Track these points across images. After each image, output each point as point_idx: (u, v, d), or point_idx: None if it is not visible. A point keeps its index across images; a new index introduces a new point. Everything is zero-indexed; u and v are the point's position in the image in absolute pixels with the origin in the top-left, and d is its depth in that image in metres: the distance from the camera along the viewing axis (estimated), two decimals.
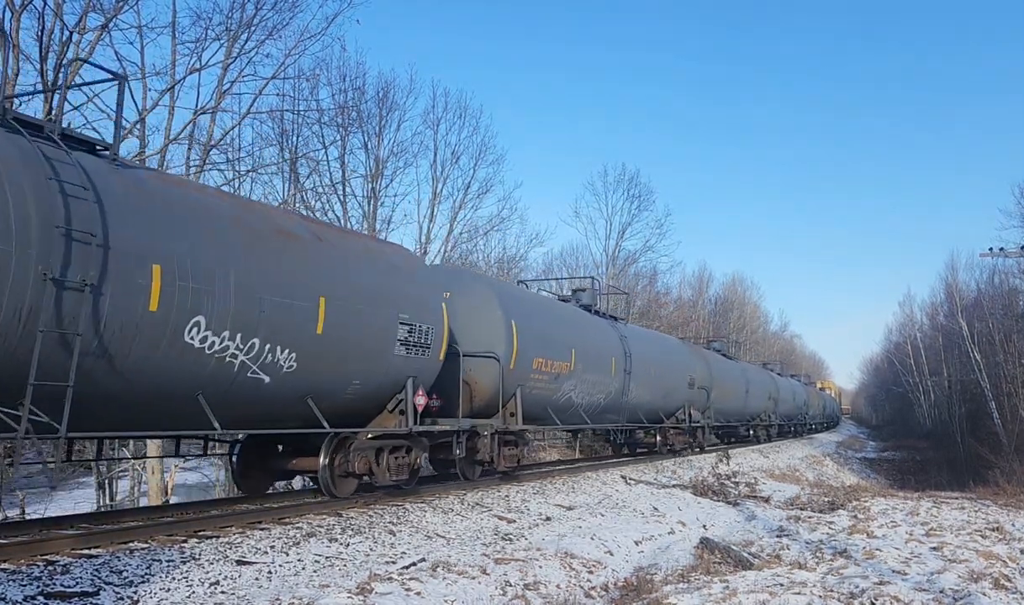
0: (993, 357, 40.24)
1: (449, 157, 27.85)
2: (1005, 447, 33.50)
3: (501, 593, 7.84)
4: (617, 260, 41.70)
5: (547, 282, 32.06)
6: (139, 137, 16.44)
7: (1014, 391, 36.22)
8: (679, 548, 11.63)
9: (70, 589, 6.06)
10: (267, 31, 18.04)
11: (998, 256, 26.43)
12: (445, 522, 10.48)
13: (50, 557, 6.92)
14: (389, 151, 25.14)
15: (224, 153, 18.82)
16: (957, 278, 52.77)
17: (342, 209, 23.80)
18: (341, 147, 23.66)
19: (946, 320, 55.14)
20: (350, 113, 23.49)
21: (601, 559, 10.08)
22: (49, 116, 14.05)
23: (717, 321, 58.62)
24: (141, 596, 6.17)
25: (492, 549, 9.31)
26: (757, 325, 73.61)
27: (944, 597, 8.06)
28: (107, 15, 14.97)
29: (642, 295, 43.26)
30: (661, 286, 46.91)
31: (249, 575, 7.06)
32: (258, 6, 17.75)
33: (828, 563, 9.77)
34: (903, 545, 11.08)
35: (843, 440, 60.56)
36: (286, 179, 21.95)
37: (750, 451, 30.39)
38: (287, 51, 18.75)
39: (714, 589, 8.16)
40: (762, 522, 14.55)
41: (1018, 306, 40.47)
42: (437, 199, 27.44)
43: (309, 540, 8.50)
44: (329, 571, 7.49)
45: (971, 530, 12.47)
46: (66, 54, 14.59)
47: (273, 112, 20.52)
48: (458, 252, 28.53)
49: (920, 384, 67.25)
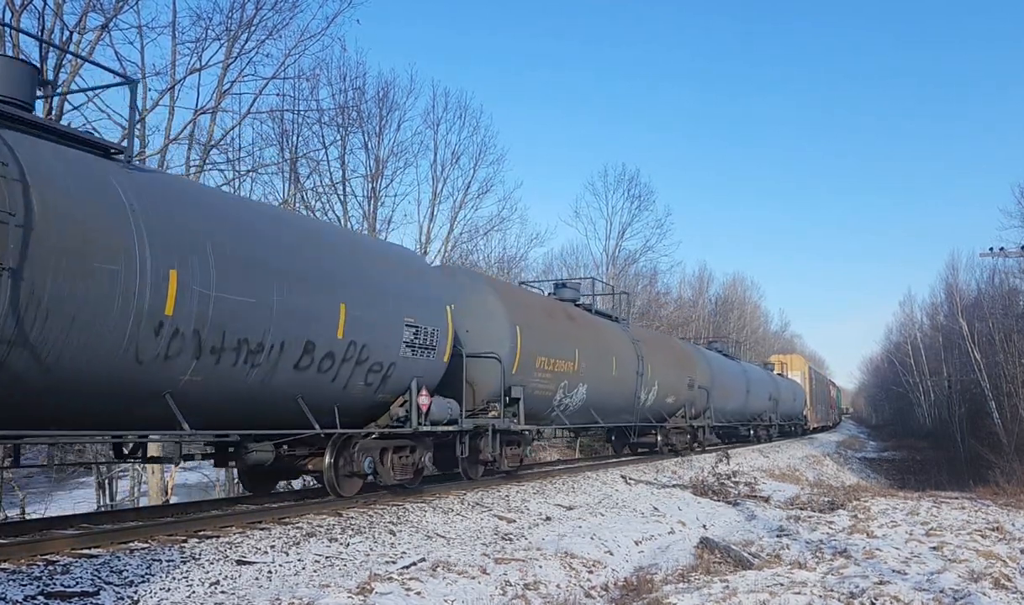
0: (993, 357, 40.27)
1: (449, 157, 27.93)
2: (1005, 447, 33.51)
3: (501, 593, 7.84)
4: (617, 260, 41.78)
5: (546, 283, 31.99)
6: (139, 137, 16.45)
7: (1014, 391, 36.23)
8: (679, 548, 11.64)
9: (70, 589, 6.06)
10: (267, 31, 18.10)
11: (998, 256, 26.44)
12: (445, 522, 10.48)
13: (50, 557, 6.92)
14: (389, 151, 25.21)
15: (224, 153, 18.86)
16: (957, 278, 52.91)
17: (342, 209, 23.85)
18: (341, 147, 23.72)
19: (946, 320, 55.22)
20: (350, 113, 23.55)
21: (601, 559, 10.08)
22: (49, 116, 14.07)
23: (717, 321, 58.68)
24: (141, 596, 6.17)
25: (492, 549, 9.31)
26: (757, 325, 73.70)
27: (944, 597, 8.05)
28: (107, 15, 14.99)
29: (642, 295, 43.31)
30: (661, 286, 47.04)
31: (249, 575, 7.06)
32: (258, 6, 17.81)
33: (828, 563, 9.77)
34: (903, 545, 11.08)
35: (843, 440, 60.54)
36: (286, 179, 21.99)
37: (750, 451, 30.36)
38: (287, 51, 18.82)
39: (714, 589, 8.16)
40: (762, 522, 14.55)
41: (1018, 306, 40.48)
42: (437, 199, 27.50)
43: (309, 540, 8.50)
44: (329, 571, 7.49)
45: (971, 530, 12.46)
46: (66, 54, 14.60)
47: (273, 112, 20.58)
48: (458, 252, 28.57)
49: (920, 384, 67.32)
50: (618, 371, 18.66)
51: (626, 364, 19.23)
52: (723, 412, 28.58)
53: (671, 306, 47.98)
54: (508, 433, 14.28)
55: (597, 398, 17.65)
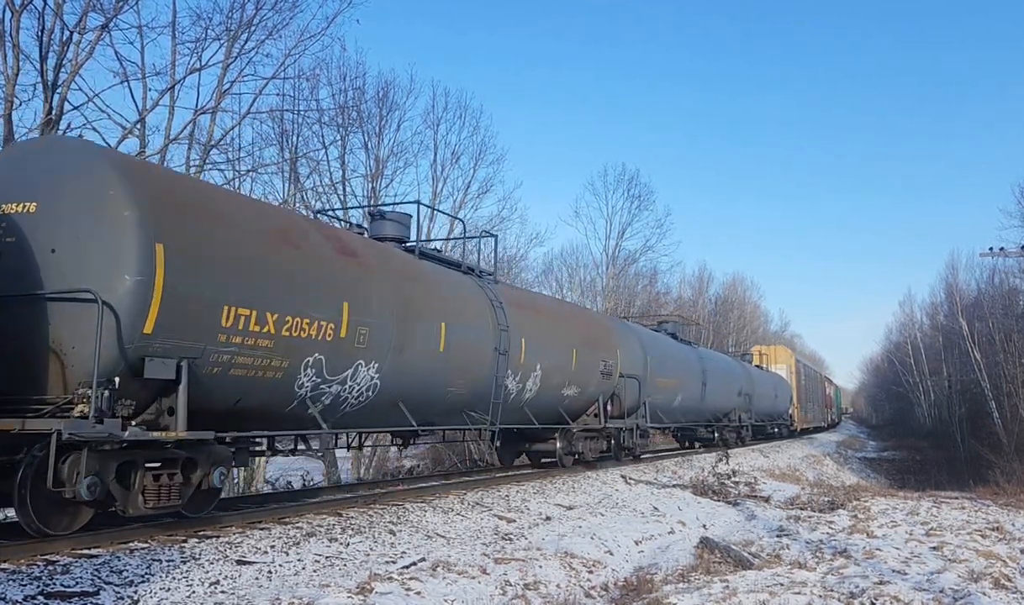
0: (993, 357, 40.26)
1: (449, 157, 27.94)
2: (1005, 447, 33.49)
3: (501, 593, 7.84)
4: (617, 260, 41.80)
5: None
6: (139, 137, 16.46)
7: (1014, 391, 36.23)
8: (679, 548, 11.64)
9: (70, 589, 6.06)
10: (267, 31, 18.06)
11: (998, 256, 26.46)
12: (445, 522, 10.49)
13: (50, 557, 6.92)
14: (389, 151, 25.21)
15: (224, 153, 18.84)
16: (957, 278, 52.92)
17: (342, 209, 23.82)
18: (341, 147, 23.72)
19: (946, 320, 55.21)
20: (350, 113, 23.55)
21: (601, 559, 10.08)
22: (49, 116, 14.07)
23: (717, 321, 58.68)
24: (141, 596, 6.17)
25: (492, 549, 9.31)
26: (757, 325, 73.69)
27: (944, 597, 8.05)
28: (107, 15, 14.98)
29: (642, 295, 43.33)
30: (661, 286, 47.07)
31: (249, 575, 7.06)
32: (258, 6, 17.77)
33: (828, 563, 9.76)
34: (903, 545, 11.07)
35: (843, 440, 60.56)
36: (286, 179, 21.99)
37: (750, 451, 30.36)
38: (287, 51, 18.77)
39: (714, 589, 8.16)
40: (762, 522, 14.55)
41: (1018, 306, 40.47)
42: (437, 199, 27.49)
43: (309, 540, 8.50)
44: (329, 571, 7.49)
45: (971, 530, 12.46)
46: (66, 54, 14.61)
47: (273, 112, 20.56)
48: (458, 252, 28.54)
49: (920, 384, 67.33)
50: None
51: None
52: (668, 410, 22.54)
53: (671, 306, 47.98)
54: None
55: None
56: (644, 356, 20.04)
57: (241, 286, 8.35)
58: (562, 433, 16.83)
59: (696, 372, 25.08)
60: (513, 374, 13.81)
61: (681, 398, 23.35)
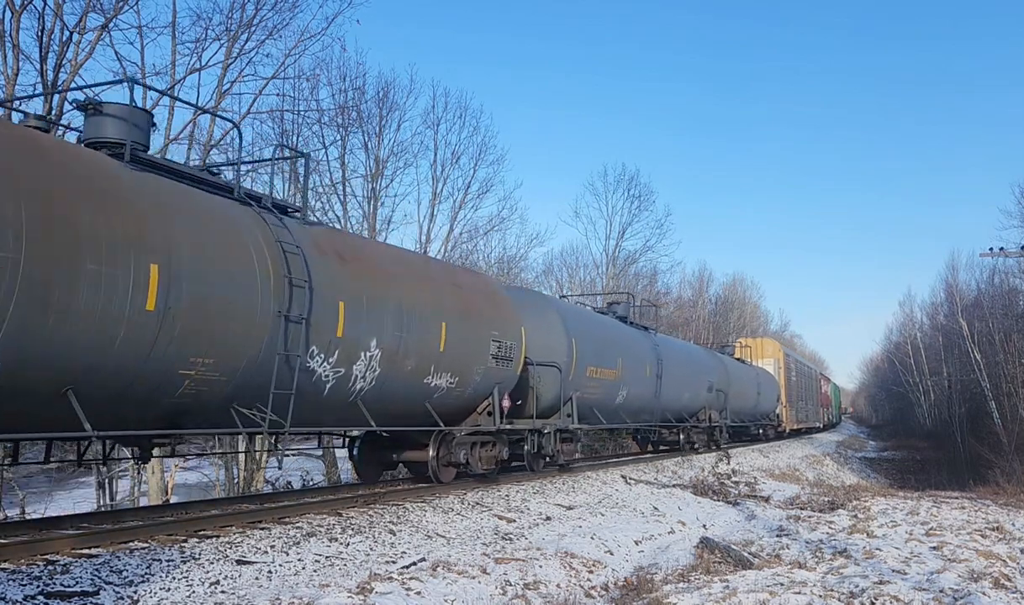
0: (993, 357, 40.24)
1: (449, 157, 27.94)
2: (1005, 447, 33.49)
3: (501, 593, 7.84)
4: (617, 260, 41.81)
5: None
6: None
7: (1014, 391, 36.22)
8: (679, 548, 11.64)
9: (70, 589, 6.06)
10: (267, 31, 18.11)
11: (998, 256, 26.47)
12: (445, 522, 10.49)
13: (50, 557, 6.92)
14: (389, 151, 25.21)
15: (224, 153, 18.85)
16: (957, 278, 52.89)
17: (342, 209, 23.85)
18: (341, 147, 23.73)
19: (946, 320, 55.18)
20: (350, 113, 23.56)
21: (601, 559, 10.08)
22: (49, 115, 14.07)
23: (717, 321, 58.67)
24: (141, 596, 6.17)
25: (492, 549, 9.31)
26: (757, 325, 73.64)
27: (944, 597, 8.05)
28: (107, 15, 14.99)
29: (642, 295, 43.33)
30: (661, 286, 47.06)
31: (249, 575, 7.06)
32: (258, 6, 17.82)
33: (828, 563, 9.77)
34: (903, 545, 11.07)
35: (843, 440, 60.56)
36: (286, 179, 21.98)
37: (750, 450, 30.35)
38: (287, 51, 18.81)
39: (714, 589, 8.16)
40: (762, 522, 14.55)
41: (1018, 306, 40.48)
42: (437, 199, 27.49)
43: (309, 540, 8.50)
44: (329, 571, 7.49)
45: (971, 530, 12.46)
46: (66, 54, 14.62)
47: (273, 112, 20.58)
48: (458, 252, 28.56)
49: (920, 384, 67.30)
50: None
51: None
52: (607, 408, 18.39)
53: (671, 306, 48.01)
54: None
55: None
56: (568, 339, 15.90)
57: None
58: (436, 438, 12.82)
59: (647, 362, 20.40)
60: (322, 353, 9.83)
61: (626, 393, 18.97)
